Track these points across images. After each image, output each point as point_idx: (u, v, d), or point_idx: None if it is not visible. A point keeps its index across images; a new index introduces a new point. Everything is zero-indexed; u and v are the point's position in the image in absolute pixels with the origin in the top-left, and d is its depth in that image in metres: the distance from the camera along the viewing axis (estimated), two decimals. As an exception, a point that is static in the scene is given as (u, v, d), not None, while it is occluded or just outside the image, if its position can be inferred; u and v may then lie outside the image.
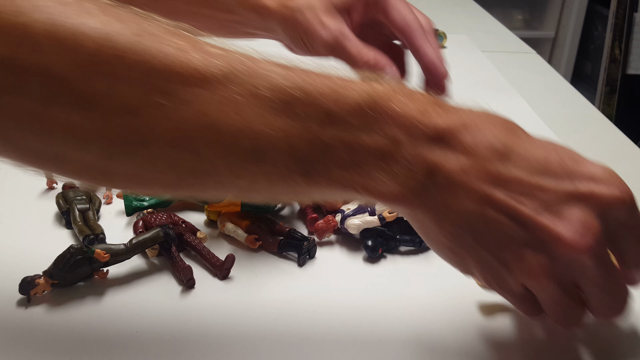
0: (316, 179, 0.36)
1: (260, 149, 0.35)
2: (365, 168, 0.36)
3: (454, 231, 0.38)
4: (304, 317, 0.48)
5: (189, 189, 0.38)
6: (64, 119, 0.33)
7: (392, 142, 0.36)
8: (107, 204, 0.60)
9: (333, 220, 0.55)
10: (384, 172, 0.36)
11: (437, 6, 1.47)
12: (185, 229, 0.55)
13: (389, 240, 0.55)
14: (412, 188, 0.37)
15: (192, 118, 0.34)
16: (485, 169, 0.37)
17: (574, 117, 0.90)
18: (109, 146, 0.34)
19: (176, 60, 0.33)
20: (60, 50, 0.32)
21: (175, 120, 0.33)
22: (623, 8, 2.24)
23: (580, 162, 0.38)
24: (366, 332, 0.46)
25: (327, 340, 0.45)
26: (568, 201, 0.37)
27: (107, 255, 0.48)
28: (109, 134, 0.34)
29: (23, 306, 0.47)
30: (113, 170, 0.36)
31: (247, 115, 0.34)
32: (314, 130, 0.35)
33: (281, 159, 0.35)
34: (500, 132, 0.38)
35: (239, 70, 0.34)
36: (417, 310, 0.49)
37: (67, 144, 0.34)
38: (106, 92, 0.33)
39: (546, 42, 2.63)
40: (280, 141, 0.35)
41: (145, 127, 0.34)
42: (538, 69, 1.11)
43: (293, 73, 0.36)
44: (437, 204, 0.37)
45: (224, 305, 0.48)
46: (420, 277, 0.53)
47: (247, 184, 0.37)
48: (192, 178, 0.36)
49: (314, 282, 0.52)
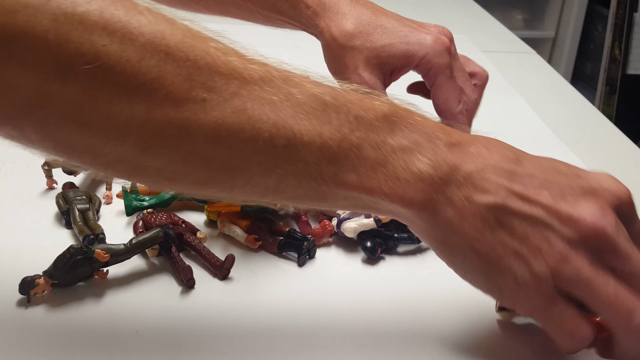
0: (344, 179, 0.38)
1: (293, 146, 0.36)
2: (391, 168, 0.38)
3: (479, 226, 0.39)
4: (304, 317, 0.48)
5: (218, 186, 0.38)
6: (107, 110, 0.33)
7: (415, 145, 0.39)
8: (107, 204, 0.60)
9: (329, 224, 0.55)
10: (409, 172, 0.38)
11: (437, 6, 1.47)
12: (185, 229, 0.55)
13: (387, 239, 0.55)
14: (436, 186, 0.39)
15: (230, 114, 0.35)
16: (502, 167, 0.40)
17: (574, 117, 0.90)
18: (147, 139, 0.35)
19: (218, 60, 0.35)
20: (112, 40, 0.33)
21: (215, 116, 0.35)
22: (623, 8, 2.24)
23: (584, 170, 0.42)
24: (366, 332, 0.46)
25: (327, 340, 0.45)
26: (582, 194, 0.39)
27: (107, 255, 0.48)
28: (150, 125, 0.34)
29: (23, 306, 0.47)
30: (147, 164, 0.36)
31: (283, 114, 0.36)
32: (344, 132, 0.38)
33: (312, 157, 0.37)
34: (509, 147, 0.42)
35: (274, 76, 0.37)
36: (416, 311, 0.49)
37: (106, 135, 0.35)
38: (152, 84, 0.34)
39: (546, 42, 2.63)
40: (313, 140, 0.37)
41: (186, 121, 0.35)
42: (538, 69, 1.11)
43: (323, 84, 0.39)
44: (460, 200, 0.39)
45: (224, 305, 0.48)
46: (420, 277, 0.53)
47: (276, 183, 0.38)
48: (223, 175, 0.37)
49: (314, 282, 0.52)
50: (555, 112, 0.90)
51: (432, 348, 0.45)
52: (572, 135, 0.82)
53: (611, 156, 0.78)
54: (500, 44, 1.23)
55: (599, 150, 0.80)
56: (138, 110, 0.34)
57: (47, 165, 0.61)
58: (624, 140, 0.84)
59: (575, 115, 0.91)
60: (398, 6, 1.58)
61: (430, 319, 0.48)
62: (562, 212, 0.38)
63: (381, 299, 0.50)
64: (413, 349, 0.45)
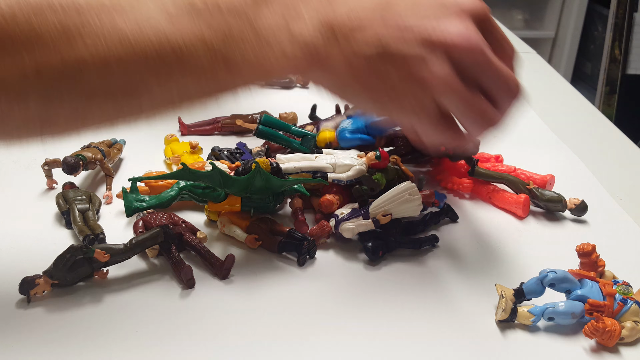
0: (237, 66, 0.40)
1: (182, 54, 0.39)
2: (274, 43, 0.41)
3: (361, 63, 0.42)
4: (304, 317, 0.48)
5: (128, 114, 0.41)
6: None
7: (287, 15, 0.42)
8: (107, 204, 0.61)
9: (327, 225, 0.55)
10: (292, 41, 0.41)
11: (437, 6, 1.47)
12: (185, 229, 0.55)
13: (389, 242, 0.55)
14: (319, 43, 0.42)
15: (112, 41, 0.37)
16: (370, 3, 0.43)
17: (574, 117, 0.90)
18: (46, 88, 0.37)
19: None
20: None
21: (97, 48, 0.37)
22: (623, 8, 2.24)
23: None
24: (366, 332, 0.46)
25: (327, 340, 0.45)
26: (445, 15, 0.43)
27: (107, 255, 0.48)
28: (43, 76, 0.36)
29: (23, 306, 0.47)
30: (54, 114, 0.39)
31: (161, 27, 0.38)
32: (222, 27, 0.40)
33: (203, 60, 0.39)
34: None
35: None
36: (416, 311, 0.49)
37: (7, 98, 0.37)
38: (30, 39, 0.36)
39: (546, 42, 2.63)
40: (198, 44, 0.39)
41: (73, 61, 0.37)
42: (538, 69, 1.11)
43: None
44: (342, 46, 0.42)
45: (224, 305, 0.48)
46: (419, 277, 0.53)
47: (179, 92, 0.41)
48: (128, 101, 0.40)
49: (314, 282, 0.52)
50: (555, 112, 0.90)
51: (432, 348, 0.45)
52: (572, 135, 0.82)
53: (611, 156, 0.78)
54: (500, 44, 1.23)
55: (599, 150, 0.79)
56: (28, 66, 0.36)
57: (47, 165, 0.61)
58: (624, 140, 0.84)
59: (575, 115, 0.91)
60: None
61: (431, 320, 0.48)
62: (432, 34, 0.42)
63: (381, 299, 0.50)
64: (413, 349, 0.45)
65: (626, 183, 0.71)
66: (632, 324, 0.46)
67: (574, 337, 0.47)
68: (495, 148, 0.73)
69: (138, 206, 0.55)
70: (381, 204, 0.55)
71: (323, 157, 0.59)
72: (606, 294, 0.47)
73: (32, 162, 0.67)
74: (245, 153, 0.65)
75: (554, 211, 0.63)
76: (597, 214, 0.63)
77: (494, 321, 0.48)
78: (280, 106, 0.78)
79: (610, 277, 0.50)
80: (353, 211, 0.56)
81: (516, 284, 0.48)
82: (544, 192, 0.62)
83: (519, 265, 0.55)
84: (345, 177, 0.57)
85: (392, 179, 0.59)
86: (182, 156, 0.66)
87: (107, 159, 0.63)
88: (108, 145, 0.66)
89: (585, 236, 0.59)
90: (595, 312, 0.46)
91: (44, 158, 0.62)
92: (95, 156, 0.61)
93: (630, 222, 0.62)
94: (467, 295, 0.51)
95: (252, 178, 0.53)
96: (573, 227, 0.61)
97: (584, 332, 0.45)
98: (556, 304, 0.46)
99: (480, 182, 0.65)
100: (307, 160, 0.59)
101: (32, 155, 0.69)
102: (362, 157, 0.59)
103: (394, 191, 0.55)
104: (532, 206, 0.63)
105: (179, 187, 0.56)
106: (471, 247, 0.57)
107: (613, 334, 0.44)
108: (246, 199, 0.55)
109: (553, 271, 0.47)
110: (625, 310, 0.46)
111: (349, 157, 0.59)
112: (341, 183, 0.58)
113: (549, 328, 0.47)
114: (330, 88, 0.45)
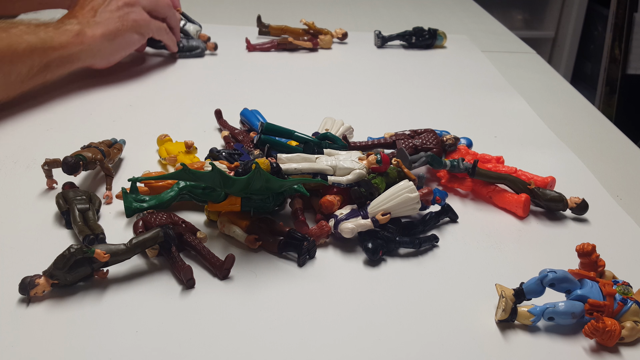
0: (61, 47, 0.83)
1: (41, 50, 0.80)
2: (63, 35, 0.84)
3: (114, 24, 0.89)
4: (304, 317, 0.48)
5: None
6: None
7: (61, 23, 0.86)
8: (107, 204, 0.60)
9: (327, 225, 0.55)
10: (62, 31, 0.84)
11: (437, 6, 1.47)
12: (185, 229, 0.55)
13: (389, 242, 0.55)
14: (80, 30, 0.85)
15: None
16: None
17: (574, 117, 0.90)
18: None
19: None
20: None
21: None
22: (623, 8, 2.24)
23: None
24: (366, 332, 0.46)
25: (327, 340, 0.45)
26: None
27: (107, 255, 0.48)
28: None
29: (23, 306, 0.47)
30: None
31: (26, 38, 0.78)
32: (47, 35, 0.82)
33: (50, 51, 0.81)
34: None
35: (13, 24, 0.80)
36: (416, 311, 0.49)
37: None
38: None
39: (546, 42, 2.63)
40: (43, 43, 0.81)
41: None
42: (538, 69, 1.11)
43: (31, 28, 0.82)
44: (86, 12, 0.88)
45: (224, 305, 0.48)
46: (419, 277, 0.53)
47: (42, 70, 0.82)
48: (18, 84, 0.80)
49: (314, 282, 0.52)
50: (555, 112, 0.90)
51: (433, 348, 0.45)
52: (572, 135, 0.82)
53: (611, 156, 0.78)
54: (500, 44, 1.23)
55: (599, 150, 0.80)
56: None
57: (47, 165, 0.61)
58: (624, 140, 0.84)
59: (575, 115, 0.91)
60: (398, 6, 1.58)
61: (431, 320, 0.48)
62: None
63: (381, 299, 0.50)
64: (413, 349, 0.45)
65: (626, 183, 0.71)
66: (632, 324, 0.46)
67: (574, 337, 0.47)
68: (496, 149, 0.73)
69: (138, 207, 0.55)
70: (380, 203, 0.55)
71: (324, 159, 0.59)
72: (606, 294, 0.47)
73: (32, 162, 0.67)
74: (243, 154, 0.65)
75: (555, 210, 0.63)
76: (597, 214, 0.63)
77: (494, 321, 0.48)
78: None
79: (610, 277, 0.50)
80: (352, 211, 0.56)
81: (516, 284, 0.48)
82: (545, 191, 0.62)
83: (519, 265, 0.55)
84: (345, 181, 0.57)
85: (393, 181, 0.59)
86: (177, 156, 0.66)
87: (107, 159, 0.63)
88: (108, 145, 0.66)
89: (586, 236, 0.59)
90: (595, 312, 0.46)
91: (44, 158, 0.62)
92: (95, 156, 0.61)
93: (630, 222, 0.62)
94: (467, 295, 0.51)
95: (252, 178, 0.53)
96: (573, 227, 0.61)
97: (584, 332, 0.45)
98: (556, 304, 0.46)
99: (481, 182, 0.65)
100: (307, 162, 0.59)
101: (32, 155, 0.69)
102: (362, 160, 0.59)
103: (392, 190, 0.55)
104: (533, 206, 0.63)
105: (179, 188, 0.56)
106: (471, 247, 0.57)
107: (613, 334, 0.44)
108: (246, 199, 0.55)
109: (553, 271, 0.47)
110: (625, 310, 0.46)
111: (349, 160, 0.59)
112: (341, 186, 0.58)
113: (549, 328, 0.47)
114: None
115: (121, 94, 0.88)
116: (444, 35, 1.16)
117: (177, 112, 0.84)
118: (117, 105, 0.85)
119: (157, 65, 1.01)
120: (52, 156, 0.62)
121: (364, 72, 1.03)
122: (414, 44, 1.15)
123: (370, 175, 0.59)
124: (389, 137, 0.71)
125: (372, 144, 0.71)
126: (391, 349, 0.45)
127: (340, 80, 1.00)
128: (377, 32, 1.15)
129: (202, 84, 0.95)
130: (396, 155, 0.64)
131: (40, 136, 0.74)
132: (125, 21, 0.89)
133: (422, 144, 0.69)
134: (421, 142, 0.69)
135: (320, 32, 1.12)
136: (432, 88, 0.98)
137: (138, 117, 0.81)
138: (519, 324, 0.47)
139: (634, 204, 0.66)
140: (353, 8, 1.42)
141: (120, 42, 0.90)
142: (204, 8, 1.31)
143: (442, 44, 1.17)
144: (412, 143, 0.69)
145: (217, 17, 1.17)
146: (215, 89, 0.93)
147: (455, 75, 1.04)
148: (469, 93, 0.96)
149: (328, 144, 0.64)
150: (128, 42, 0.91)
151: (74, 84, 0.89)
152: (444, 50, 1.16)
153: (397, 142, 0.69)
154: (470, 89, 0.97)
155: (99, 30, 0.86)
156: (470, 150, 0.71)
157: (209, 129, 0.78)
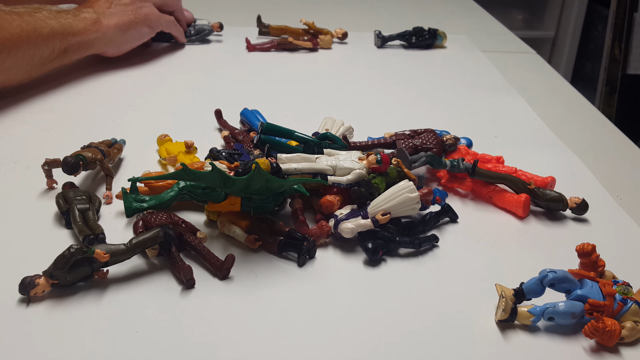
0: (76, 33, 0.88)
1: (60, 34, 0.85)
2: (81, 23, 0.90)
3: (127, 17, 0.96)
4: (304, 317, 0.48)
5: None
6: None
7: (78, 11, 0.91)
8: (107, 204, 0.60)
9: (327, 225, 0.55)
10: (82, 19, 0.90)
11: (437, 6, 1.47)
12: (185, 229, 0.55)
13: (389, 242, 0.55)
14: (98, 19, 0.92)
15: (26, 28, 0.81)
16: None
17: (574, 117, 0.90)
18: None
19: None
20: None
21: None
22: (623, 8, 2.24)
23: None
24: (366, 331, 0.46)
25: (327, 340, 0.45)
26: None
27: (107, 255, 0.48)
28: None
29: (23, 306, 0.47)
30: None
31: (48, 23, 0.84)
32: (67, 21, 0.88)
33: (68, 36, 0.87)
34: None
35: (39, 8, 0.86)
36: (416, 311, 0.49)
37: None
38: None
39: (546, 42, 2.63)
40: (63, 29, 0.86)
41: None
42: (538, 69, 1.11)
43: (53, 13, 0.87)
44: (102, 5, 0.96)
45: (224, 305, 0.48)
46: (419, 277, 0.53)
47: (62, 53, 0.88)
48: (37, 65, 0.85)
49: (314, 282, 0.52)
50: (555, 112, 0.90)
51: (433, 348, 0.45)
52: (572, 135, 0.82)
53: (611, 156, 0.78)
54: (500, 44, 1.23)
55: (599, 150, 0.80)
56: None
57: (47, 165, 0.61)
58: (624, 140, 0.84)
59: (575, 115, 0.91)
60: (398, 6, 1.58)
61: (430, 320, 0.48)
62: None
63: (381, 299, 0.50)
64: (413, 349, 0.45)
65: (626, 183, 0.71)
66: (632, 324, 0.46)
67: (574, 337, 0.47)
68: (496, 149, 0.73)
69: (138, 207, 0.55)
70: (380, 203, 0.55)
71: (324, 159, 0.59)
72: (606, 294, 0.47)
73: (32, 162, 0.67)
74: (243, 154, 0.65)
75: (555, 210, 0.63)
76: (597, 214, 0.63)
77: (494, 321, 0.48)
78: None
79: (610, 277, 0.50)
80: (352, 211, 0.56)
81: (516, 284, 0.48)
82: (545, 191, 0.62)
83: (519, 265, 0.55)
84: (345, 181, 0.57)
85: (393, 181, 0.59)
86: (177, 156, 0.67)
87: (107, 159, 0.63)
88: (108, 145, 0.66)
89: (586, 236, 0.59)
90: (595, 312, 0.46)
91: (44, 158, 0.62)
92: (95, 156, 0.61)
93: (630, 222, 0.62)
94: (467, 295, 0.51)
95: (252, 178, 0.53)
96: (573, 227, 0.61)
97: (584, 332, 0.45)
98: (556, 304, 0.46)
99: (481, 182, 0.65)
100: (307, 162, 0.59)
101: (32, 155, 0.69)
102: (362, 160, 0.59)
103: (392, 190, 0.55)
104: (533, 206, 0.63)
105: (179, 188, 0.56)
106: (471, 247, 0.57)
107: (613, 334, 0.44)
108: (246, 199, 0.55)
109: (553, 271, 0.47)
110: (625, 310, 0.46)
111: (349, 160, 0.59)
112: (341, 186, 0.58)
113: (549, 328, 0.47)
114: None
115: (121, 94, 0.88)
116: (444, 35, 1.16)
117: (177, 112, 0.84)
118: (117, 105, 0.85)
119: (157, 66, 1.01)
120: (52, 156, 0.62)
121: (364, 72, 1.03)
122: (414, 44, 1.15)
123: (370, 175, 0.59)
124: (389, 137, 0.71)
125: (372, 144, 0.71)
126: (391, 348, 0.45)
127: (340, 80, 1.00)
128: (377, 32, 1.15)
129: (202, 84, 0.95)
130: (396, 155, 0.64)
131: (40, 136, 0.74)
132: (137, 15, 0.96)
133: (422, 144, 0.69)
134: (421, 142, 0.69)
135: (320, 32, 1.12)
136: (432, 88, 0.98)
137: (138, 117, 0.81)
138: (519, 324, 0.47)
139: (634, 204, 0.66)
140: (353, 8, 1.42)
141: (132, 33, 0.96)
142: (204, 8, 1.31)
143: (442, 44, 1.17)
144: (412, 143, 0.69)
145: (217, 17, 1.17)
146: (215, 89, 0.93)
147: (455, 75, 1.04)
148: (469, 93, 0.96)
149: (328, 144, 0.64)
150: (139, 34, 0.98)
151: (74, 84, 0.89)
152: (444, 50, 1.16)
153: (397, 142, 0.69)
154: (470, 89, 0.97)
155: (113, 21, 0.92)
156: (470, 150, 0.71)
157: (209, 129, 0.78)
